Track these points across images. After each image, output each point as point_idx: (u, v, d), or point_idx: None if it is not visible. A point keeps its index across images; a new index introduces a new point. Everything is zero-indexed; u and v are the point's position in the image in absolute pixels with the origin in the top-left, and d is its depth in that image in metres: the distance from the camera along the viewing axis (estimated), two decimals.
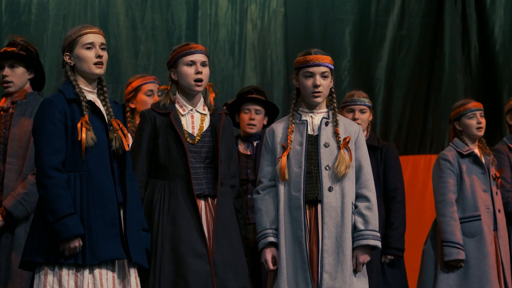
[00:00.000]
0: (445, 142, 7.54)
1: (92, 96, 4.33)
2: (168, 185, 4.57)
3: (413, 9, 7.73)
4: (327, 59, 4.67)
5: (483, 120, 5.88)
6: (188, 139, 4.60)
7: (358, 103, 5.74)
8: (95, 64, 4.26)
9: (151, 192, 4.59)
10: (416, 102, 7.78)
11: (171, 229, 4.50)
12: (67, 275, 4.13)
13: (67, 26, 7.00)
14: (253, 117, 5.70)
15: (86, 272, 4.15)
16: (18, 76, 5.10)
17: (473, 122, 5.86)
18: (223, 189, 4.62)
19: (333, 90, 4.73)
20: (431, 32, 7.77)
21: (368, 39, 7.72)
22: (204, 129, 4.65)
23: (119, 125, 4.30)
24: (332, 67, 4.70)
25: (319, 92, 4.63)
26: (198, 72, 4.62)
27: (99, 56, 4.27)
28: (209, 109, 4.72)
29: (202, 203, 4.58)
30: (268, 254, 4.60)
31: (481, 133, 5.88)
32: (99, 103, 4.33)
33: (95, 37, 4.29)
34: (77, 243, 4.09)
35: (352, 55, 7.70)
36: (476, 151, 5.89)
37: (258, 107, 5.73)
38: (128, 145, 4.33)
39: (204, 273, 4.45)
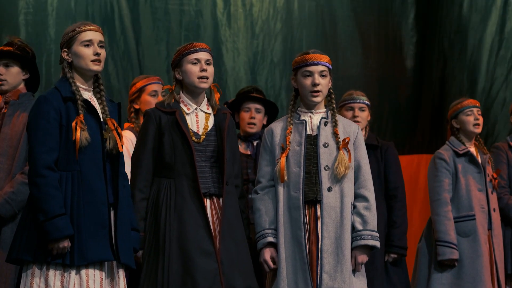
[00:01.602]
0: (430, 142, 7.59)
1: (88, 94, 4.29)
2: (174, 184, 4.55)
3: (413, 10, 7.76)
4: (325, 59, 4.68)
5: (480, 117, 5.91)
6: (194, 138, 4.59)
7: (358, 101, 5.73)
8: (93, 61, 4.24)
9: (157, 191, 4.57)
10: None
11: (178, 228, 4.48)
12: (54, 275, 4.10)
13: None
14: (254, 116, 5.70)
15: (73, 272, 4.12)
16: (13, 75, 5.08)
17: (470, 119, 5.88)
18: (229, 188, 4.61)
19: (331, 90, 4.73)
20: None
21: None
22: (209, 128, 4.65)
23: (114, 125, 4.28)
24: (331, 67, 4.70)
25: (318, 91, 4.63)
26: (202, 70, 4.62)
27: (97, 54, 4.24)
28: (213, 109, 4.71)
29: (208, 202, 4.57)
30: (267, 254, 4.60)
31: (479, 130, 5.90)
32: (95, 102, 4.30)
33: (93, 35, 4.26)
34: (66, 243, 4.06)
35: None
36: (472, 150, 5.91)
37: (258, 106, 5.73)
38: (122, 145, 4.30)
39: (212, 271, 4.44)
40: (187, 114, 4.64)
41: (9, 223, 4.92)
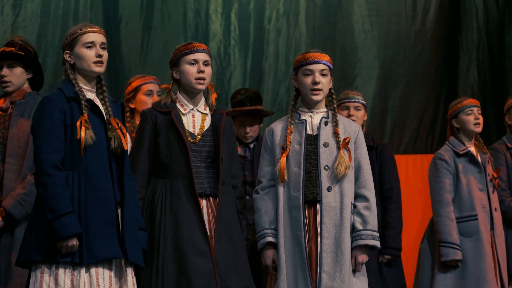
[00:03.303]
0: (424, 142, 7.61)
1: (91, 95, 4.32)
2: (169, 184, 4.55)
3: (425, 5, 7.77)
4: (325, 58, 4.68)
5: (480, 117, 5.91)
6: (189, 138, 4.58)
7: (353, 100, 5.75)
8: (95, 63, 4.26)
9: (153, 191, 4.57)
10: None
11: (173, 228, 4.48)
12: (64, 274, 4.12)
13: None
14: (248, 131, 5.73)
15: (83, 271, 4.14)
16: (17, 76, 5.09)
17: (470, 118, 5.88)
18: (225, 188, 4.60)
19: (332, 91, 4.74)
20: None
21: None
22: (205, 129, 4.64)
23: (118, 124, 4.30)
24: (331, 66, 4.71)
25: (318, 89, 4.64)
26: (200, 71, 4.61)
27: (99, 56, 4.26)
28: (210, 109, 4.70)
29: (203, 202, 4.56)
30: (269, 258, 4.61)
31: (479, 129, 5.90)
32: (98, 102, 4.33)
33: (95, 36, 4.28)
34: (74, 241, 4.08)
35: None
36: (472, 150, 5.91)
37: (252, 119, 5.75)
38: (127, 144, 4.32)
39: (207, 271, 4.44)
40: (183, 114, 4.64)
41: (22, 224, 4.94)
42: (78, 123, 4.17)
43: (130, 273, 4.27)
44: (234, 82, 7.40)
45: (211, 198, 4.59)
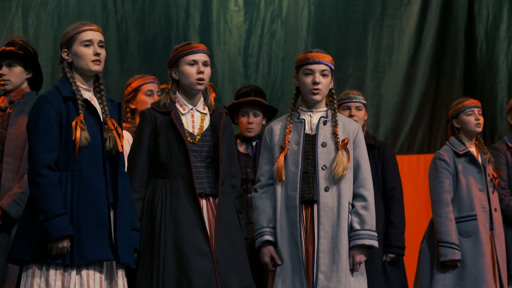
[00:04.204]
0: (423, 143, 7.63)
1: (88, 94, 4.30)
2: (169, 184, 4.54)
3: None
4: (327, 58, 4.68)
5: (481, 117, 5.92)
6: (189, 138, 4.58)
7: (354, 100, 5.75)
8: (93, 61, 4.25)
9: (152, 191, 4.56)
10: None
11: (173, 228, 4.48)
12: (54, 275, 4.11)
13: None
14: (251, 121, 5.72)
15: (74, 272, 4.13)
16: (16, 75, 5.09)
17: (471, 119, 5.89)
18: (224, 188, 4.60)
19: (333, 90, 4.74)
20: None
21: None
22: (205, 129, 4.63)
23: (114, 124, 4.28)
24: (333, 67, 4.71)
25: (318, 89, 4.63)
26: (200, 72, 4.61)
27: (97, 54, 4.25)
28: (209, 109, 4.70)
29: (203, 202, 4.56)
30: (266, 256, 4.61)
31: (480, 129, 5.92)
32: (95, 102, 4.31)
33: (93, 35, 4.27)
34: (66, 243, 4.07)
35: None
36: (473, 150, 5.92)
37: (256, 110, 5.73)
38: (122, 145, 4.30)
39: (208, 272, 4.43)
40: (182, 114, 4.64)
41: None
42: (73, 124, 4.16)
43: (121, 275, 4.27)
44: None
45: (211, 198, 4.58)
